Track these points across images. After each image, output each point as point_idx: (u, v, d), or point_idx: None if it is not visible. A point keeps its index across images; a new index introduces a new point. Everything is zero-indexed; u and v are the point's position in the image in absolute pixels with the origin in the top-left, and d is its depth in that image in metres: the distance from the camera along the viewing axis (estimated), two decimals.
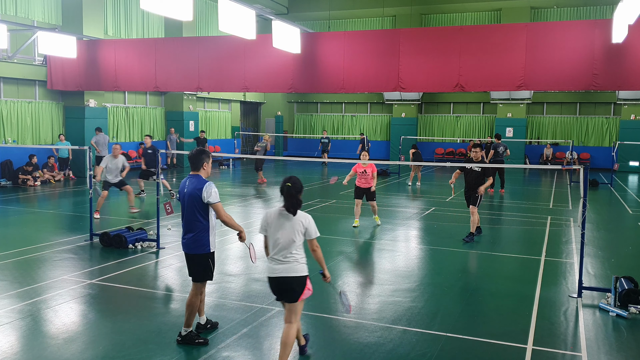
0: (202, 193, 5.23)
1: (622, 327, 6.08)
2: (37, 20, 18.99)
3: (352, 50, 15.41)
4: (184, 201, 5.35)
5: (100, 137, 18.81)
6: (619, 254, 9.65)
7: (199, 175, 5.40)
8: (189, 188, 5.32)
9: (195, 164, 5.40)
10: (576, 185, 18.98)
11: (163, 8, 11.06)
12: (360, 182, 11.50)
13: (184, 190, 5.36)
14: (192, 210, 5.31)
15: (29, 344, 5.40)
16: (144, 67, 17.66)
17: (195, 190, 5.26)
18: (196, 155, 5.40)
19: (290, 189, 4.65)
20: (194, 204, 5.28)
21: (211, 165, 5.54)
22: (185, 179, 5.45)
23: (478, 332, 5.84)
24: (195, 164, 5.40)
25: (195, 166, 5.40)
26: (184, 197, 5.34)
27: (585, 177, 6.88)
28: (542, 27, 15.30)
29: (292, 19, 24.72)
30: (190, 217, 5.34)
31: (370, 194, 11.47)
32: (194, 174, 5.41)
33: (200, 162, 5.39)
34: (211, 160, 5.53)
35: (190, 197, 5.29)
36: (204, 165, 5.41)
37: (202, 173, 5.42)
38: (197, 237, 5.34)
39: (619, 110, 26.67)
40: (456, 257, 9.34)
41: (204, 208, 5.31)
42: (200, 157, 5.40)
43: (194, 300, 5.41)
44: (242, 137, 30.01)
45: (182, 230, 5.47)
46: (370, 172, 11.38)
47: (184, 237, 5.41)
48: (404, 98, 29.46)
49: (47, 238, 10.03)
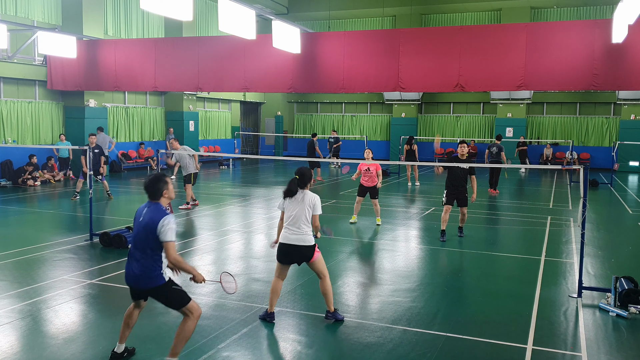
0: (158, 227, 4.55)
1: (622, 327, 6.08)
2: (37, 20, 18.99)
3: (352, 50, 15.41)
4: (138, 230, 4.70)
5: (100, 136, 18.82)
6: (619, 254, 9.65)
7: (159, 203, 4.74)
8: (145, 218, 4.67)
9: (153, 194, 4.74)
10: (576, 185, 18.98)
11: (163, 8, 11.05)
12: (364, 180, 11.62)
13: (139, 219, 4.73)
14: (144, 242, 4.64)
15: (29, 344, 5.40)
16: (144, 67, 17.65)
17: (151, 222, 4.60)
18: (152, 184, 4.73)
19: (295, 179, 5.95)
20: (148, 236, 4.61)
21: (172, 189, 4.89)
22: (143, 206, 4.82)
23: (478, 332, 5.84)
24: (153, 194, 4.73)
25: (153, 196, 4.73)
26: (139, 227, 4.70)
27: (585, 177, 6.88)
28: (542, 27, 15.31)
29: (292, 19, 24.72)
30: (141, 247, 4.67)
31: (374, 192, 11.56)
32: (153, 202, 4.76)
33: (159, 192, 4.73)
34: (171, 184, 4.85)
35: (144, 228, 4.63)
36: (164, 193, 4.75)
37: (163, 201, 4.78)
38: (146, 270, 4.64)
39: (619, 110, 26.66)
40: (456, 257, 9.34)
41: (159, 242, 4.61)
42: (157, 186, 4.73)
43: (189, 324, 4.77)
44: (242, 137, 30.01)
45: (127, 259, 4.81)
46: (374, 170, 11.50)
47: (129, 269, 4.72)
48: (404, 98, 29.46)
49: (47, 238, 10.02)
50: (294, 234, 5.82)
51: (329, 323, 5.97)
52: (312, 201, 5.89)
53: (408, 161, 15.56)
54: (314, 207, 5.90)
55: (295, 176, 5.91)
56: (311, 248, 5.86)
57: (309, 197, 5.89)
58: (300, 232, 5.81)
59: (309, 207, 5.86)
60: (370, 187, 11.55)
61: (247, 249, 9.79)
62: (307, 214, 5.84)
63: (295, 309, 6.42)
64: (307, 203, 5.86)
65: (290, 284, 7.26)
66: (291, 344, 5.52)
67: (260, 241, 10.28)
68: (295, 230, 5.82)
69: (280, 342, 5.61)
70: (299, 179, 5.89)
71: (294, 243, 5.81)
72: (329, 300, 5.99)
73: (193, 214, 12.75)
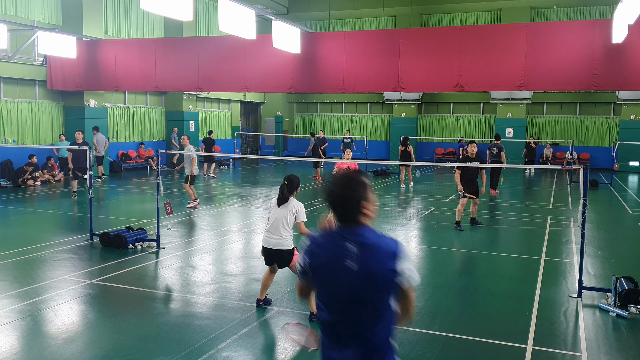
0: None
1: (622, 327, 6.08)
2: (37, 20, 18.99)
3: (352, 50, 15.40)
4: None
5: (99, 136, 18.85)
6: (619, 254, 9.65)
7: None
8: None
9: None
10: (576, 185, 18.97)
11: (163, 8, 11.05)
12: None
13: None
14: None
15: (29, 344, 5.40)
16: (144, 67, 17.65)
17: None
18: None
19: (284, 185, 6.05)
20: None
21: None
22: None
23: (478, 332, 5.84)
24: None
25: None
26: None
27: (585, 177, 6.88)
28: (542, 27, 15.31)
29: (292, 19, 24.72)
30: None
31: None
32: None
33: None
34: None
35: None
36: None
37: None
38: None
39: (619, 110, 26.66)
40: (456, 257, 9.34)
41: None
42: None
43: None
44: (242, 137, 30.00)
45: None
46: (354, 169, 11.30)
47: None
48: (404, 98, 29.45)
49: (47, 238, 10.02)
50: (274, 239, 6.04)
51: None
52: (295, 208, 6.03)
53: (403, 162, 15.34)
54: (297, 214, 6.03)
55: (284, 182, 6.04)
56: (290, 252, 6.09)
57: (292, 204, 6.04)
58: (280, 237, 6.01)
59: (291, 213, 6.01)
60: None
61: (247, 249, 9.78)
62: (289, 220, 6.01)
63: (295, 309, 6.42)
64: (290, 209, 6.01)
65: (290, 284, 7.26)
66: (291, 344, 5.52)
67: (260, 241, 10.25)
68: (275, 235, 6.03)
69: (280, 342, 5.61)
70: (287, 185, 6.03)
71: (274, 247, 6.04)
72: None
73: (193, 214, 12.75)
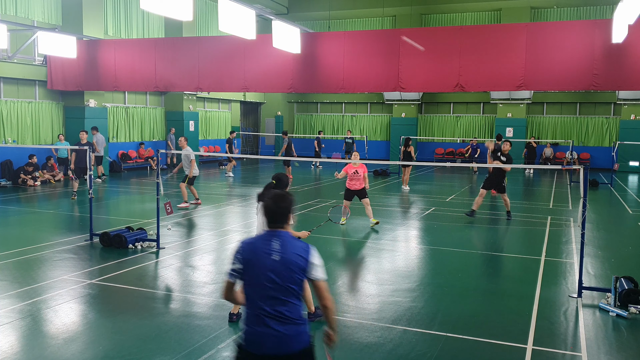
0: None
1: (622, 327, 6.08)
2: (37, 20, 18.99)
3: (352, 50, 15.40)
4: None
5: (98, 136, 18.86)
6: (619, 254, 9.65)
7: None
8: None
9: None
10: (576, 185, 18.97)
11: (163, 8, 11.05)
12: (351, 184, 11.27)
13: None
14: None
15: (29, 344, 5.40)
16: (144, 67, 17.65)
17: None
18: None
19: (271, 184, 5.82)
20: None
21: None
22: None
23: (478, 332, 5.84)
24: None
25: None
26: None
27: (585, 177, 6.88)
28: (542, 27, 15.30)
29: (292, 19, 24.71)
30: None
31: (362, 193, 11.29)
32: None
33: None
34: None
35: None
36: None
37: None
38: None
39: (619, 110, 26.66)
40: (456, 257, 9.33)
41: None
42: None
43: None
44: (242, 137, 29.99)
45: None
46: (362, 172, 11.21)
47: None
48: (404, 98, 29.45)
49: (47, 238, 10.02)
50: None
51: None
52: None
53: (404, 163, 15.27)
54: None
55: (272, 181, 5.87)
56: None
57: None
58: None
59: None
60: (357, 190, 11.23)
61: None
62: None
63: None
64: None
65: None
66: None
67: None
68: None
69: None
70: (275, 184, 5.84)
71: None
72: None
73: (193, 214, 12.75)
